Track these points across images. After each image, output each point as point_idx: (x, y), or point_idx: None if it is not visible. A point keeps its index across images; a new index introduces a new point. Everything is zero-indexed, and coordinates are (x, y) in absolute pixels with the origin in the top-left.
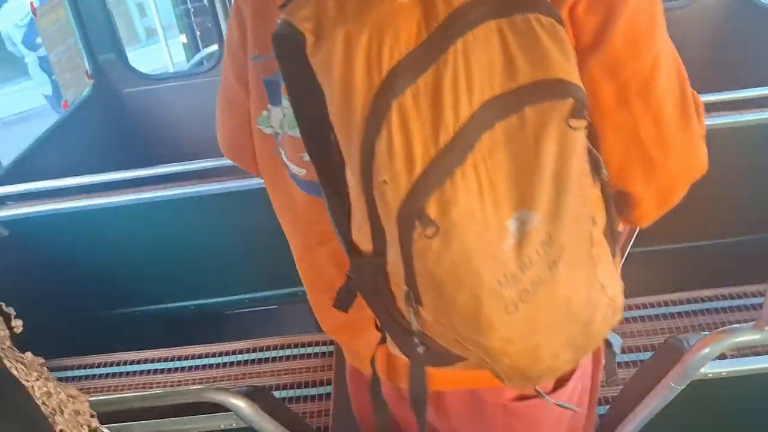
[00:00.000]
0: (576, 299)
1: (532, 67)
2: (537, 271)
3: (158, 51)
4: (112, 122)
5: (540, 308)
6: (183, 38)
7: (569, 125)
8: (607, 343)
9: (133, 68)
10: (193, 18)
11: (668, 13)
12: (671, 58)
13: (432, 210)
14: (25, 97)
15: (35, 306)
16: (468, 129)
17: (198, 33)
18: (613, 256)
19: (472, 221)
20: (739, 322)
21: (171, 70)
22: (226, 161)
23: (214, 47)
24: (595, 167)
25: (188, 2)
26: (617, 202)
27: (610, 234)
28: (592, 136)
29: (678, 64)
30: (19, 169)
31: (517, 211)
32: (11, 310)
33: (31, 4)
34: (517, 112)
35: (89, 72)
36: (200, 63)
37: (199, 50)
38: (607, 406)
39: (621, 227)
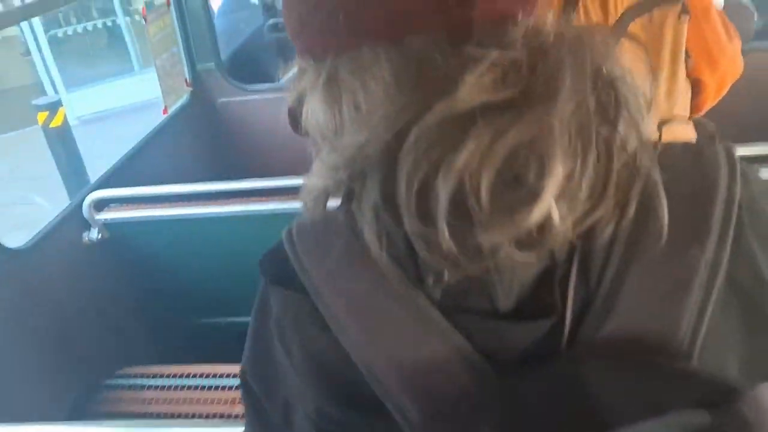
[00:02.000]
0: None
1: None
2: (664, 116)
3: None
4: (206, 130)
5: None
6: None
7: (680, 20)
8: None
9: (230, 78)
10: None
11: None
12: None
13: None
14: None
15: (125, 307)
16: (623, 18)
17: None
18: None
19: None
20: None
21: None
22: None
23: None
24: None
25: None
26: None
27: None
28: None
29: (715, 7)
30: (122, 172)
31: (651, 74)
32: None
33: (143, 9)
34: (649, 12)
35: (188, 80)
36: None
37: None
38: None
39: None
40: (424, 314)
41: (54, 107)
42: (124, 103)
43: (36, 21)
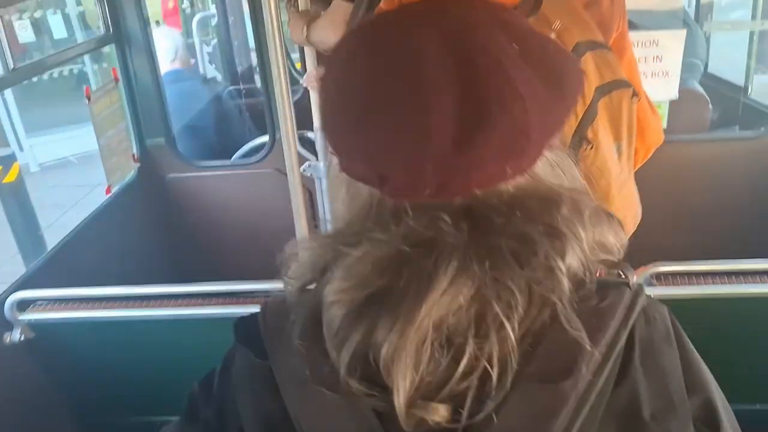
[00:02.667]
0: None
1: (610, 72)
2: (625, 175)
3: None
4: (154, 207)
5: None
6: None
7: (633, 101)
8: None
9: (181, 153)
10: (243, 99)
11: (738, 143)
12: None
13: (589, 134)
14: None
15: (52, 409)
16: (593, 100)
17: (247, 115)
18: None
19: (605, 142)
20: None
21: None
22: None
23: (264, 138)
24: None
25: (240, 83)
26: None
27: None
28: None
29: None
30: (57, 260)
31: (615, 142)
32: None
33: (86, 89)
34: (609, 94)
35: (136, 155)
36: (248, 154)
37: (246, 132)
38: None
39: None
40: (346, 394)
41: (7, 162)
42: (88, 149)
43: None
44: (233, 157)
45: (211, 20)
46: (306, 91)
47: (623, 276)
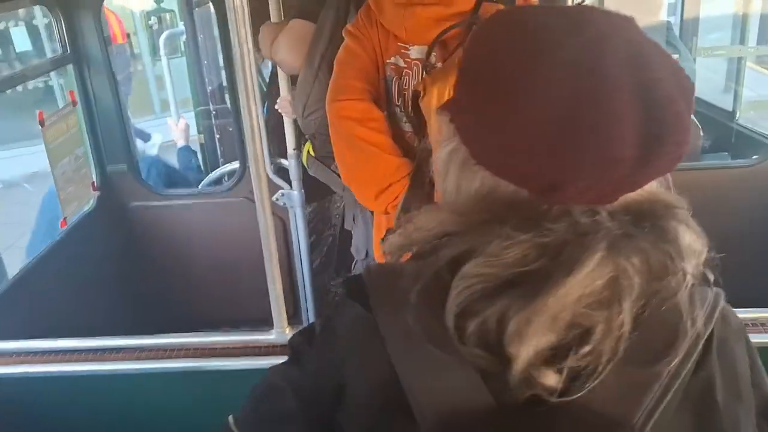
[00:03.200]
0: None
1: None
2: None
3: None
4: (115, 237)
5: None
6: (200, 139)
7: None
8: None
9: (144, 181)
10: (213, 120)
11: (730, 171)
12: None
13: None
14: None
15: None
16: None
17: (218, 136)
18: None
19: None
20: None
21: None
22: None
23: (235, 165)
24: None
25: (210, 103)
26: None
27: None
28: None
29: None
30: (9, 299)
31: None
32: None
33: (40, 113)
34: None
35: (95, 183)
36: (218, 181)
37: (217, 157)
38: None
39: None
40: (455, 355)
41: None
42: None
43: None
44: (201, 185)
45: (180, 38)
46: (280, 116)
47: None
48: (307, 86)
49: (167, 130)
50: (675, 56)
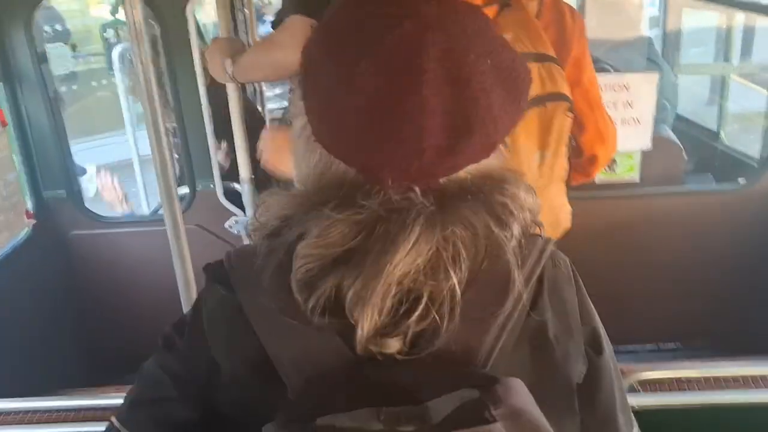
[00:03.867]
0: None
1: (552, 84)
2: (543, 182)
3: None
4: (52, 269)
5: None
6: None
7: (566, 114)
8: None
9: (86, 208)
10: (171, 138)
11: (715, 196)
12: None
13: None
14: None
15: None
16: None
17: (176, 156)
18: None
19: (525, 148)
20: None
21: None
22: None
23: (184, 189)
24: (570, 141)
25: (167, 121)
26: (586, 163)
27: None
28: (578, 126)
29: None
30: None
31: (539, 150)
32: None
33: None
34: (544, 105)
35: (30, 211)
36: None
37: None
38: None
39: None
40: (312, 324)
41: None
42: None
43: None
44: (151, 211)
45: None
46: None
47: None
48: None
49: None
50: (655, 74)
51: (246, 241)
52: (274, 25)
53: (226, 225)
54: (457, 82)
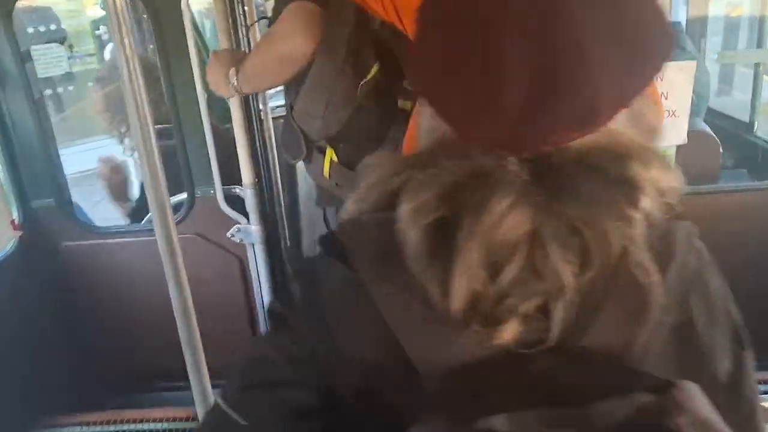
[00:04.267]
0: None
1: None
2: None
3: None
4: (42, 283)
5: None
6: None
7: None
8: None
9: (77, 217)
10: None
11: (751, 195)
12: None
13: None
14: None
15: None
16: None
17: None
18: None
19: None
20: None
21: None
22: None
23: (182, 196)
24: None
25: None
26: None
27: None
28: None
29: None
30: None
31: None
32: None
33: None
34: None
35: (17, 221)
36: None
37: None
38: None
39: None
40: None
41: None
42: None
43: None
44: (144, 220)
45: None
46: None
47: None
48: (327, 80)
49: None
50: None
51: (248, 251)
52: (270, 22)
53: (229, 234)
54: (545, 32)
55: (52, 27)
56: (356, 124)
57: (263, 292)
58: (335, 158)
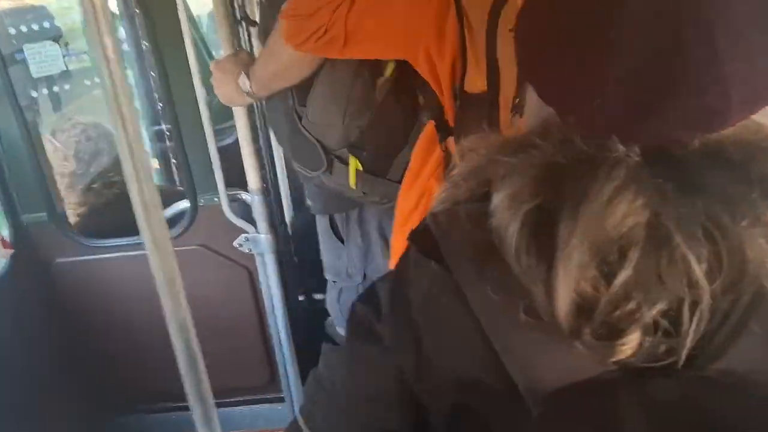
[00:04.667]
0: None
1: None
2: None
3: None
4: (36, 303)
5: None
6: (155, 163)
7: None
8: None
9: (72, 232)
10: (168, 142)
11: None
12: None
13: None
14: None
15: None
16: None
17: (174, 161)
18: None
19: None
20: None
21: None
22: None
23: (184, 203)
24: None
25: (161, 122)
26: None
27: None
28: None
29: None
30: None
31: None
32: None
33: None
34: None
35: (7, 239)
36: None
37: (174, 183)
38: None
39: None
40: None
41: None
42: None
43: None
44: None
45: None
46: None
47: None
48: (344, 86)
49: None
50: None
51: (257, 261)
52: (260, 33)
53: (235, 243)
54: (667, 13)
55: (46, 25)
56: (378, 127)
57: (275, 305)
58: (360, 166)
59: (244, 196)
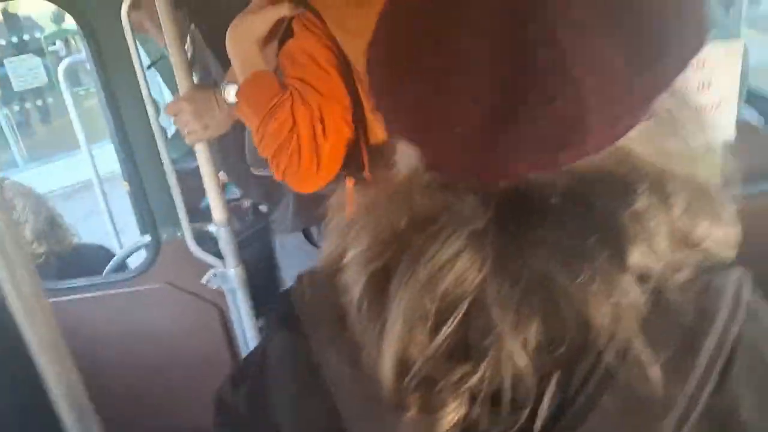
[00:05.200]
0: None
1: None
2: None
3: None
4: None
5: None
6: (126, 185)
7: None
8: None
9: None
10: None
11: None
12: None
13: None
14: None
15: None
16: None
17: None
18: None
19: None
20: None
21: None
22: None
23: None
24: None
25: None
26: None
27: None
28: None
29: None
30: None
31: None
32: None
33: None
34: None
35: None
36: (121, 266)
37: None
38: None
39: None
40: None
41: None
42: None
43: None
44: (105, 271)
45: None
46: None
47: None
48: None
49: None
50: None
51: (228, 298)
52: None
53: (203, 280)
54: (511, 21)
55: (26, 37)
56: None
57: (249, 344)
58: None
59: (210, 227)
